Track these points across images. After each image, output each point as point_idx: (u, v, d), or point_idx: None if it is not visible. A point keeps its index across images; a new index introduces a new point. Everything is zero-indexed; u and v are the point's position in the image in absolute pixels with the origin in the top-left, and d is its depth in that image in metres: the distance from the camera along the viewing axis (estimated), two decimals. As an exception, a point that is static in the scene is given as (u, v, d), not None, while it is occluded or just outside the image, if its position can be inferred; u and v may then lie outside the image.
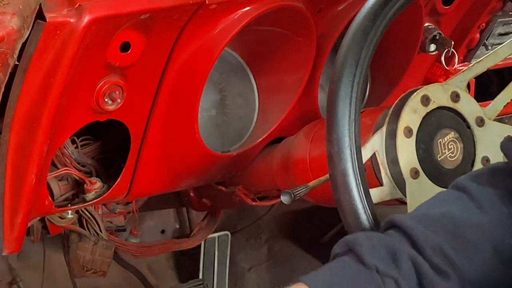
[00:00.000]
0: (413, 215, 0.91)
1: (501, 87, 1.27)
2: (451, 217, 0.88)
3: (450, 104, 1.20)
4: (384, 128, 1.17)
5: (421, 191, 1.15)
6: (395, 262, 0.85)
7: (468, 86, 1.27)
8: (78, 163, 1.41)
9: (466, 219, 0.88)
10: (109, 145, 1.46)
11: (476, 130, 1.22)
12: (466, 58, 1.71)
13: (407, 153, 1.16)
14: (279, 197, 1.22)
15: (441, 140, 1.19)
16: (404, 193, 1.14)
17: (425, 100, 1.18)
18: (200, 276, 1.99)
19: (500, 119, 1.32)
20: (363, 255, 0.85)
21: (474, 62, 1.26)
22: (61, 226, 1.62)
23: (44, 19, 1.05)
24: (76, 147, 1.41)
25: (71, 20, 1.05)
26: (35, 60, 1.08)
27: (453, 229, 0.87)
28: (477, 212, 0.89)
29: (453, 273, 0.85)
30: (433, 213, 0.90)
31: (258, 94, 1.51)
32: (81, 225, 1.72)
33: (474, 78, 1.27)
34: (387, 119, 1.18)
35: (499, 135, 1.23)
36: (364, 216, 0.97)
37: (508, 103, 1.25)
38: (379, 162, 1.15)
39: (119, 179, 1.37)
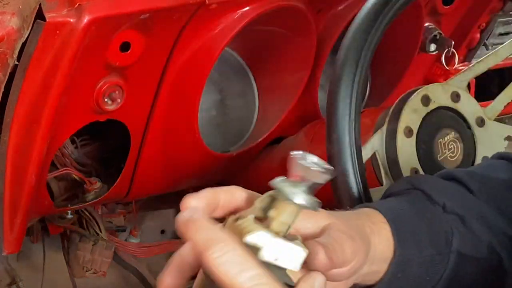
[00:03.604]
0: (469, 172, 0.91)
1: (501, 87, 1.27)
2: (505, 181, 0.89)
3: (450, 104, 1.20)
4: (384, 128, 1.17)
5: (421, 191, 1.15)
6: (462, 202, 0.85)
7: (468, 86, 1.27)
8: (78, 163, 1.41)
9: None
10: (109, 145, 1.46)
11: (477, 130, 1.22)
12: (466, 58, 1.71)
13: (407, 153, 1.15)
14: (279, 197, 1.21)
15: (441, 140, 1.19)
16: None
17: (425, 100, 1.18)
18: (200, 276, 1.99)
19: (500, 119, 1.32)
20: (430, 191, 0.85)
21: (475, 62, 1.26)
22: (61, 226, 1.62)
23: (44, 19, 1.05)
24: (76, 147, 1.41)
25: (71, 20, 1.05)
26: (35, 60, 1.08)
27: (506, 194, 0.88)
28: None
29: None
30: (488, 175, 0.91)
31: (258, 94, 1.51)
32: (81, 225, 1.72)
33: (475, 78, 1.27)
34: (387, 119, 1.18)
35: (499, 135, 1.23)
36: (364, 216, 0.97)
37: (508, 103, 1.25)
38: (379, 162, 1.15)
39: (119, 179, 1.37)
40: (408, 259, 0.80)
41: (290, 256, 0.64)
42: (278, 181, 0.65)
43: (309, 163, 0.65)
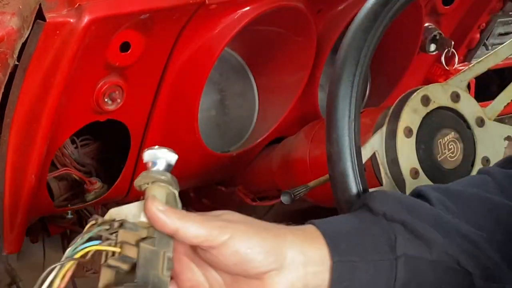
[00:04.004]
0: (436, 187, 0.90)
1: (501, 87, 1.27)
2: (472, 193, 0.88)
3: (450, 104, 1.20)
4: (384, 128, 1.17)
5: (421, 191, 1.15)
6: (408, 211, 0.83)
7: (468, 86, 1.27)
8: (78, 163, 1.41)
9: (489, 198, 0.88)
10: (109, 145, 1.46)
11: (476, 130, 1.22)
12: (466, 58, 1.71)
13: (407, 153, 1.15)
14: (279, 197, 1.22)
15: (441, 140, 1.19)
16: (404, 193, 1.14)
17: (425, 100, 1.18)
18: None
19: (500, 119, 1.32)
20: (371, 204, 0.84)
21: (474, 62, 1.26)
22: (61, 226, 1.62)
23: (44, 19, 1.05)
24: (76, 147, 1.41)
25: (71, 20, 1.05)
26: (35, 60, 1.08)
27: (471, 204, 0.87)
28: (500, 195, 0.88)
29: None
30: (455, 188, 0.90)
31: (258, 94, 1.51)
32: (81, 225, 1.72)
33: (474, 78, 1.27)
34: (387, 119, 1.18)
35: (499, 135, 1.23)
36: (364, 216, 0.97)
37: (508, 103, 1.25)
38: (379, 162, 1.15)
39: (119, 179, 1.37)
40: (352, 266, 0.79)
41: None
42: (139, 176, 0.79)
43: (156, 148, 0.79)
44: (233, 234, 0.75)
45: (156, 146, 0.79)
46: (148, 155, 0.79)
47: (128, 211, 0.75)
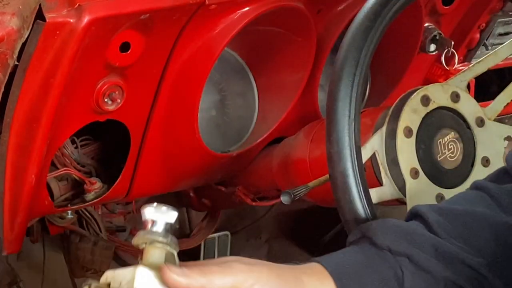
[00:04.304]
0: (434, 207, 0.90)
1: (501, 87, 1.27)
2: (472, 212, 0.88)
3: (450, 104, 1.20)
4: (384, 128, 1.17)
5: (421, 191, 1.15)
6: (409, 241, 0.84)
7: (468, 86, 1.27)
8: (78, 163, 1.41)
9: (489, 217, 0.87)
10: (109, 145, 1.46)
11: (476, 130, 1.22)
12: (466, 58, 1.71)
13: (407, 153, 1.16)
14: (279, 197, 1.22)
15: (441, 140, 1.19)
16: (404, 193, 1.14)
17: (425, 100, 1.18)
18: (200, 276, 1.98)
19: (500, 119, 1.32)
20: (374, 237, 0.84)
21: (474, 62, 1.26)
22: (61, 226, 1.62)
23: (44, 19, 1.05)
24: (76, 147, 1.41)
25: (71, 20, 1.05)
26: (35, 60, 1.08)
27: (473, 225, 0.86)
28: (498, 211, 0.88)
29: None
30: (453, 208, 0.89)
31: (258, 94, 1.51)
32: (81, 225, 1.72)
33: (474, 78, 1.27)
34: (387, 119, 1.18)
35: (499, 136, 1.23)
36: (363, 216, 0.97)
37: (508, 103, 1.25)
38: (379, 162, 1.15)
39: (119, 179, 1.37)
40: None
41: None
42: (137, 235, 0.75)
43: (155, 206, 0.75)
44: (259, 279, 0.75)
45: (155, 204, 0.76)
46: (147, 213, 0.76)
47: (123, 276, 0.73)
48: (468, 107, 1.22)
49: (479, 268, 0.83)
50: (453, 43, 1.52)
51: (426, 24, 1.54)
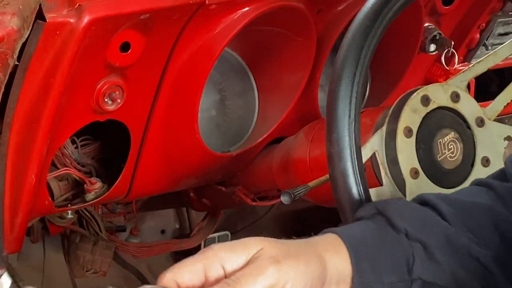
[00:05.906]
0: (441, 196, 0.90)
1: (501, 87, 1.27)
2: (479, 204, 0.88)
3: (450, 104, 1.20)
4: (384, 128, 1.17)
5: (421, 191, 1.15)
6: (424, 228, 0.84)
7: (468, 86, 1.27)
8: (78, 163, 1.41)
9: (494, 211, 0.88)
10: (109, 145, 1.46)
11: (476, 130, 1.22)
12: (466, 58, 1.71)
13: (407, 153, 1.16)
14: (279, 197, 1.22)
15: (441, 140, 1.19)
16: (404, 193, 1.14)
17: (425, 100, 1.18)
18: (200, 276, 1.98)
19: (500, 119, 1.32)
20: (393, 218, 0.84)
21: (474, 62, 1.26)
22: (61, 226, 1.62)
23: (44, 19, 1.05)
24: (76, 147, 1.41)
25: (71, 20, 1.05)
26: (35, 60, 1.08)
27: (480, 216, 0.87)
28: (501, 207, 0.89)
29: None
30: (461, 199, 0.90)
31: (258, 94, 1.51)
32: (81, 225, 1.72)
33: (474, 78, 1.27)
34: (387, 119, 1.18)
35: (499, 136, 1.23)
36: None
37: (508, 103, 1.24)
38: (379, 162, 1.15)
39: (119, 179, 1.37)
40: (368, 287, 0.80)
41: None
42: None
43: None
44: (288, 277, 0.74)
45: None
46: None
47: None
48: (468, 107, 1.22)
49: (486, 263, 0.84)
50: (453, 43, 1.52)
51: (426, 24, 1.54)
